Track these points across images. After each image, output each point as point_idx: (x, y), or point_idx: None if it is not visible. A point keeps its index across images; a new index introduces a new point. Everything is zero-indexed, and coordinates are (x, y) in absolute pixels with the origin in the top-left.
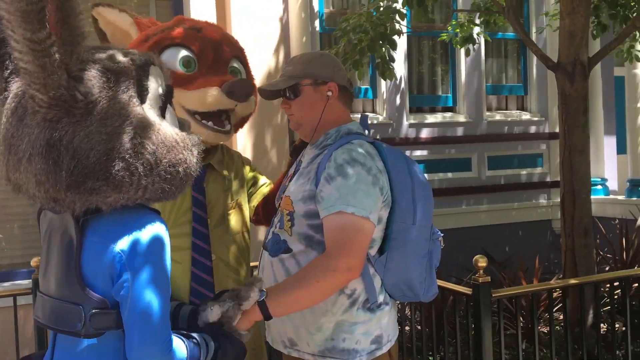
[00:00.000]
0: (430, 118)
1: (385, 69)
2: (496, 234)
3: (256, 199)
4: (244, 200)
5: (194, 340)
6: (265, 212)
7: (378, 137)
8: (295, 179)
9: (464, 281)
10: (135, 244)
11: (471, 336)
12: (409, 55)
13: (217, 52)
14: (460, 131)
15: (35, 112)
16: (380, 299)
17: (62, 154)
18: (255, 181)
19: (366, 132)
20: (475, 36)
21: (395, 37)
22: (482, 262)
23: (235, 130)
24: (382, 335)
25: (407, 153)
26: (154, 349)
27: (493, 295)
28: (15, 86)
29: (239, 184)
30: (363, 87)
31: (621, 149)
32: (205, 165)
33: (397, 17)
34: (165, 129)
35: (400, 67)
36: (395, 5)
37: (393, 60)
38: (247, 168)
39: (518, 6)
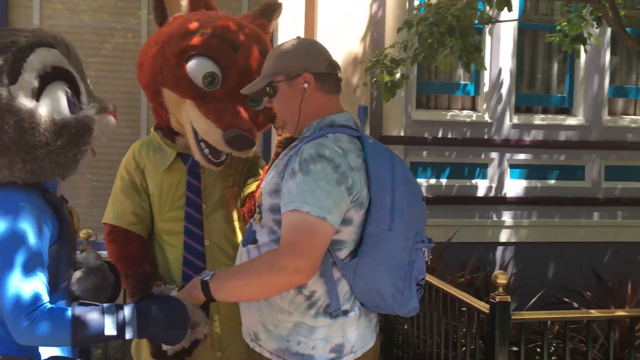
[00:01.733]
0: (539, 119)
1: (469, 59)
2: (608, 252)
3: (247, 190)
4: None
5: (96, 307)
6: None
7: (468, 135)
8: (269, 170)
9: (564, 301)
10: None
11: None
12: (520, 50)
13: (242, 79)
14: (573, 135)
15: None
16: (346, 306)
17: None
18: (254, 172)
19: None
20: (586, 35)
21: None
22: (501, 279)
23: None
24: (343, 345)
25: (508, 156)
26: (14, 322)
27: (512, 317)
28: None
29: (242, 172)
30: (463, 82)
31: None
32: None
33: (485, 6)
34: (31, 110)
35: (507, 62)
36: None
37: (479, 50)
38: (254, 158)
39: None
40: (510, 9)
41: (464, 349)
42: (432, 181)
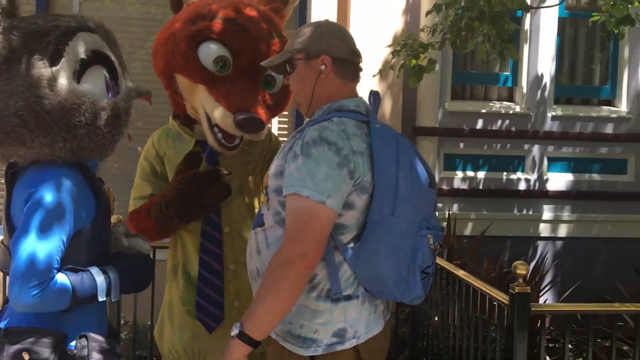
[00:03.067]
0: (580, 111)
1: (502, 47)
2: None
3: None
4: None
5: (88, 274)
6: None
7: (507, 128)
8: (278, 153)
9: (604, 299)
10: (32, 194)
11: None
12: (561, 39)
13: (254, 60)
14: (616, 128)
15: None
16: (349, 291)
17: None
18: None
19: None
20: (634, 16)
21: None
22: (521, 269)
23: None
24: (346, 330)
25: (550, 149)
26: (23, 287)
27: (532, 309)
28: None
29: (262, 160)
30: (500, 73)
31: None
32: None
33: None
34: (72, 92)
35: (547, 52)
36: None
37: (512, 40)
38: (276, 145)
39: None
40: None
41: (493, 344)
42: (469, 173)
